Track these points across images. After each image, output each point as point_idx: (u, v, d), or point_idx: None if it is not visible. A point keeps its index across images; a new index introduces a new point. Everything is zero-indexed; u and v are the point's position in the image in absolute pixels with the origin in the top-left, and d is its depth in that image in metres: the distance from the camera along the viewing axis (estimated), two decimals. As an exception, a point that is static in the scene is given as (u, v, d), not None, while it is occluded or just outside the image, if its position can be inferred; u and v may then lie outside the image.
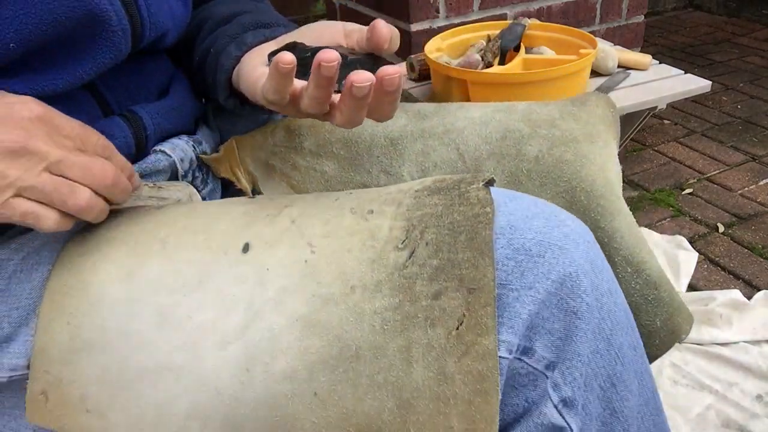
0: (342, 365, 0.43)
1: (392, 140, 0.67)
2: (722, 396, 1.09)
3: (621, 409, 0.50)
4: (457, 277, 0.43)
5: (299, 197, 0.53)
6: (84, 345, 0.46)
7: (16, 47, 0.47)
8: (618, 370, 0.49)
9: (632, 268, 0.63)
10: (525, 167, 0.64)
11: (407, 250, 0.45)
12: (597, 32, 1.77)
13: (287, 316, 0.44)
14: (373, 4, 1.64)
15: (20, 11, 0.46)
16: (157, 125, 0.60)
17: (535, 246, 0.46)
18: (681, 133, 2.02)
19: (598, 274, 0.48)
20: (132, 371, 0.45)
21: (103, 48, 0.51)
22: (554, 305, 0.46)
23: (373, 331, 0.43)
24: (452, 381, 0.41)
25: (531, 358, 0.46)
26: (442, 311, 0.42)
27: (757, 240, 1.49)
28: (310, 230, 0.47)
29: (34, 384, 0.47)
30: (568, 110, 0.69)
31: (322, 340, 0.43)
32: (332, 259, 0.45)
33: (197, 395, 0.44)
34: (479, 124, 0.67)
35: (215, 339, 0.44)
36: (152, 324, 0.45)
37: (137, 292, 0.47)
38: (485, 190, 0.47)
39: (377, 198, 0.50)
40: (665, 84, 1.31)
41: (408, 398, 0.42)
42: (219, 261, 0.47)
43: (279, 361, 0.43)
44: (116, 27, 0.51)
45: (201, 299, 0.46)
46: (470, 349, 0.42)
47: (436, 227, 0.45)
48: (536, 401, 0.47)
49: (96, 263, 0.49)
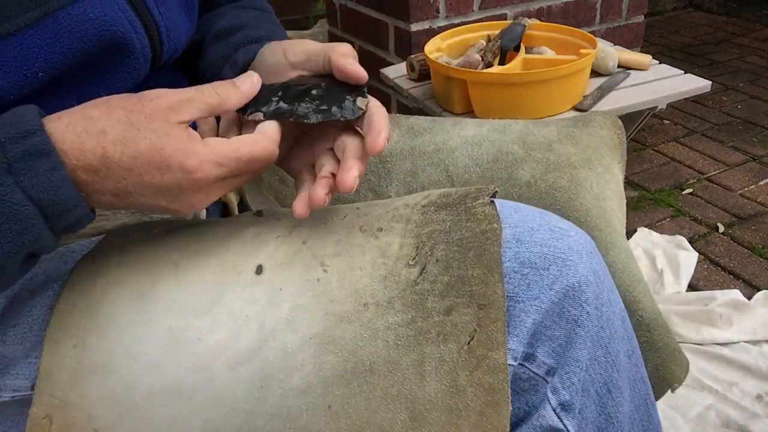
0: (356, 379, 0.43)
1: (381, 157, 0.66)
2: (722, 396, 1.09)
3: (616, 414, 0.51)
4: (468, 293, 0.44)
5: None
6: (92, 367, 0.46)
7: (45, 76, 0.47)
8: (614, 377, 0.50)
9: (624, 307, 0.59)
10: (516, 192, 0.62)
11: (418, 266, 0.46)
12: (597, 32, 1.77)
13: (301, 334, 0.45)
14: (373, 4, 1.64)
15: (48, 40, 0.46)
16: None
17: (540, 259, 0.47)
18: (681, 133, 2.02)
19: (600, 284, 0.49)
20: (141, 393, 0.45)
21: (123, 73, 0.52)
22: (556, 314, 0.47)
23: (386, 347, 0.44)
24: (464, 393, 0.43)
25: (532, 363, 0.47)
26: (453, 326, 0.44)
27: (757, 240, 1.50)
28: (321, 250, 0.48)
29: (38, 408, 0.46)
30: (567, 132, 0.67)
31: (337, 357, 0.44)
32: (345, 277, 0.46)
33: (211, 413, 0.44)
34: (471, 145, 0.65)
35: (227, 360, 0.45)
36: (161, 346, 0.45)
37: (148, 314, 0.47)
38: (491, 205, 0.48)
39: (385, 215, 0.50)
40: (665, 84, 1.31)
41: (421, 410, 0.43)
42: (232, 283, 0.47)
43: (293, 377, 0.44)
44: (139, 54, 0.52)
45: (213, 321, 0.46)
46: (481, 362, 0.43)
47: (445, 243, 0.47)
48: (536, 405, 0.48)
49: (106, 286, 0.49)
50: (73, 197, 0.41)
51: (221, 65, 0.61)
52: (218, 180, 0.44)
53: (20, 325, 0.49)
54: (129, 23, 0.50)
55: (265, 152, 0.46)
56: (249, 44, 0.61)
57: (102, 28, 0.48)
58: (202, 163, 0.43)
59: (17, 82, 0.46)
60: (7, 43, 0.44)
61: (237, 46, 0.61)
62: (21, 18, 0.44)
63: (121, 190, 0.42)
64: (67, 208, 0.41)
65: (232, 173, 0.44)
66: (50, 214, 0.40)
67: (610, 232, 0.61)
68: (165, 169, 0.42)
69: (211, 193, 0.45)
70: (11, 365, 0.48)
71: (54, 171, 0.40)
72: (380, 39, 1.66)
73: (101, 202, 0.43)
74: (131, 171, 0.41)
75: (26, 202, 0.39)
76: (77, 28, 0.46)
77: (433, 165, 0.65)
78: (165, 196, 0.43)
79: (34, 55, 0.46)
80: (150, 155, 0.42)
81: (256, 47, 0.59)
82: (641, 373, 0.55)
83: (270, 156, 0.46)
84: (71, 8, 0.46)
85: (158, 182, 0.42)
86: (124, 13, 0.49)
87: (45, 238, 0.41)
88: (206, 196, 0.45)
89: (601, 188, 0.62)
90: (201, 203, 0.45)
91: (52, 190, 0.39)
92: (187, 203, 0.44)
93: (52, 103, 0.49)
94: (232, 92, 0.47)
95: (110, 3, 0.48)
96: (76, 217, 0.42)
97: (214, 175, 0.43)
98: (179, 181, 0.42)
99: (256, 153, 0.45)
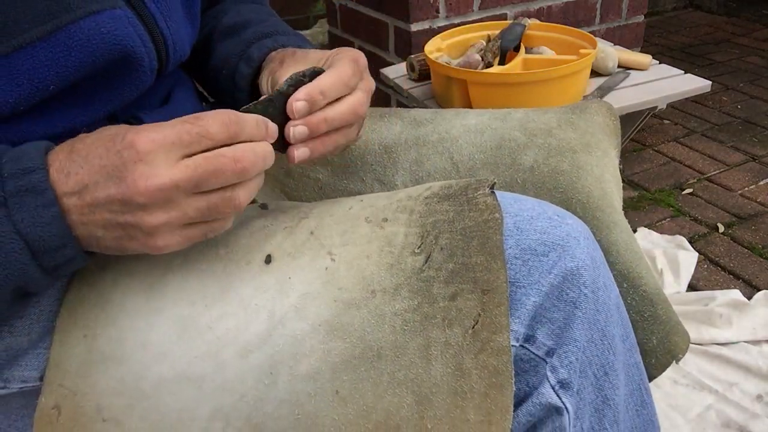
0: (364, 365, 0.45)
1: (386, 147, 0.67)
2: (722, 396, 1.09)
3: (612, 397, 0.52)
4: (472, 279, 0.46)
5: (311, 207, 0.55)
6: (102, 357, 0.46)
7: (55, 89, 0.47)
8: (610, 360, 0.52)
9: (628, 283, 0.62)
10: (520, 177, 0.64)
11: (423, 254, 0.48)
12: (597, 32, 1.77)
13: (310, 321, 0.46)
14: (373, 4, 1.64)
15: (60, 54, 0.46)
16: None
17: (540, 246, 0.49)
18: (681, 133, 2.02)
19: (597, 268, 0.51)
20: (151, 382, 0.45)
21: (130, 85, 0.52)
22: (556, 297, 0.49)
23: (393, 332, 0.45)
24: (469, 376, 0.44)
25: (533, 345, 0.49)
26: (458, 311, 0.45)
27: (757, 240, 1.49)
28: (328, 240, 0.50)
29: (47, 398, 0.47)
30: (566, 119, 0.68)
31: (345, 342, 0.45)
32: (352, 265, 0.48)
33: (220, 400, 0.45)
34: (474, 133, 0.67)
35: (237, 348, 0.45)
36: (171, 335, 0.46)
37: (158, 303, 0.47)
38: (492, 195, 0.50)
39: (389, 206, 0.52)
40: (665, 84, 1.31)
41: (426, 393, 0.44)
42: (242, 272, 0.48)
43: (302, 364, 0.45)
44: (146, 67, 0.52)
45: (223, 309, 0.47)
46: (486, 345, 0.45)
47: (449, 233, 0.48)
48: (536, 386, 0.50)
49: (116, 276, 0.49)
50: (62, 235, 0.41)
51: (236, 62, 0.63)
52: (162, 148, 0.40)
53: (27, 316, 0.49)
54: (139, 38, 0.50)
55: (218, 115, 0.42)
56: (261, 39, 0.63)
57: (113, 43, 0.48)
58: (140, 130, 0.41)
59: (28, 94, 0.46)
60: (19, 56, 0.45)
61: (249, 42, 0.63)
62: (33, 32, 0.45)
63: (80, 183, 0.41)
64: (55, 246, 0.41)
65: (181, 138, 0.40)
66: (38, 250, 0.40)
67: (612, 212, 0.63)
68: (110, 146, 0.41)
69: (156, 166, 0.40)
70: (19, 356, 0.49)
71: (45, 208, 0.40)
72: (380, 39, 1.66)
73: (69, 207, 0.41)
74: (87, 158, 0.41)
75: (13, 236, 0.39)
76: (88, 43, 0.47)
77: (437, 153, 0.66)
78: (111, 178, 0.40)
79: (45, 69, 0.46)
80: (105, 138, 0.41)
81: (268, 42, 0.62)
82: (635, 358, 0.57)
83: (227, 120, 0.42)
84: (83, 23, 0.46)
85: (105, 161, 0.40)
86: (134, 27, 0.50)
87: (32, 273, 0.41)
88: (151, 169, 0.40)
89: (600, 171, 0.64)
90: (148, 180, 0.40)
91: (40, 226, 0.40)
92: (131, 180, 0.40)
93: (56, 112, 0.50)
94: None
95: (121, 18, 0.48)
96: (66, 256, 0.42)
97: (151, 138, 0.40)
98: (118, 148, 0.40)
99: (205, 128, 0.41)
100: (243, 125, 0.43)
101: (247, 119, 0.44)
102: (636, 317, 0.63)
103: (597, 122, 0.69)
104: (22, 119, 0.48)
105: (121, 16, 0.48)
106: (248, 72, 0.62)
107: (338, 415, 0.44)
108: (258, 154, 0.43)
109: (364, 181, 0.67)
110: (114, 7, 0.48)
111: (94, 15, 0.47)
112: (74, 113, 0.51)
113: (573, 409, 0.50)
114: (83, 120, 0.51)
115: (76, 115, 0.51)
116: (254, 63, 0.62)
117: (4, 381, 0.49)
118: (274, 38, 0.63)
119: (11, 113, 0.46)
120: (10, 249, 0.40)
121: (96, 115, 0.52)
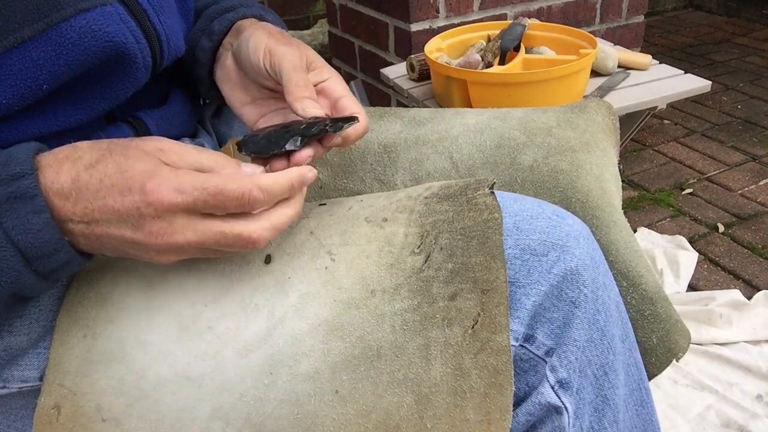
0: (364, 364, 0.44)
1: (386, 147, 0.67)
2: (722, 396, 1.09)
3: (612, 396, 0.52)
4: (472, 279, 0.46)
5: (311, 207, 0.55)
6: (101, 357, 0.46)
7: (48, 88, 0.47)
8: (610, 359, 0.52)
9: (628, 282, 0.62)
10: (519, 176, 0.63)
11: (423, 254, 0.47)
12: (597, 32, 1.77)
13: (310, 321, 0.46)
14: (373, 4, 1.64)
15: (52, 53, 0.46)
16: (163, 131, 0.60)
17: (539, 246, 0.49)
18: (681, 133, 2.02)
19: (596, 268, 0.51)
20: (150, 381, 0.45)
21: (125, 82, 0.52)
22: (555, 296, 0.48)
23: (393, 332, 0.45)
24: (469, 376, 0.44)
25: (532, 345, 0.49)
26: (458, 311, 0.45)
27: (757, 240, 1.49)
28: (328, 240, 0.49)
29: (47, 398, 0.46)
30: (565, 118, 0.68)
31: (345, 342, 0.45)
32: (352, 265, 0.47)
33: (220, 399, 0.45)
34: (474, 132, 0.66)
35: (236, 347, 0.45)
36: (172, 334, 0.46)
37: (157, 303, 0.47)
38: (491, 195, 0.50)
39: (389, 206, 0.52)
40: (665, 84, 1.31)
41: (426, 393, 0.44)
42: (241, 272, 0.48)
43: (302, 363, 0.45)
44: (140, 64, 0.52)
45: (222, 309, 0.47)
46: (485, 345, 0.44)
47: (449, 232, 0.48)
48: (536, 385, 0.50)
49: (116, 276, 0.49)
50: (54, 241, 0.40)
51: (198, 36, 0.63)
52: (182, 210, 0.40)
53: (27, 315, 0.49)
54: (131, 34, 0.50)
55: (238, 190, 0.41)
56: (223, 14, 0.63)
57: (105, 40, 0.48)
58: (161, 186, 0.39)
59: (22, 94, 0.46)
60: (11, 56, 0.45)
61: (211, 17, 0.63)
62: (24, 31, 0.45)
63: (89, 216, 0.40)
64: (48, 252, 0.40)
65: (197, 205, 0.40)
66: (31, 257, 0.40)
67: (611, 211, 0.62)
68: (126, 192, 0.40)
69: (174, 226, 0.40)
70: (19, 356, 0.49)
71: (36, 214, 0.39)
72: (380, 39, 1.66)
73: (74, 232, 0.41)
74: (97, 194, 0.40)
75: (5, 243, 0.39)
76: (80, 41, 0.47)
77: (437, 153, 0.66)
78: (127, 223, 0.40)
79: (37, 68, 0.46)
80: (115, 177, 0.40)
81: (229, 15, 0.62)
82: (635, 357, 0.57)
83: (245, 196, 0.41)
84: (73, 20, 0.46)
85: (119, 207, 0.40)
86: (126, 24, 0.49)
87: (26, 279, 0.41)
88: (169, 227, 0.40)
89: (600, 170, 0.64)
90: (164, 237, 0.40)
91: (31, 233, 0.39)
92: (147, 231, 0.40)
93: (51, 111, 0.49)
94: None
95: (113, 15, 0.48)
96: (60, 261, 0.41)
97: (174, 202, 0.39)
98: (137, 204, 0.40)
99: (226, 188, 0.40)
100: (253, 204, 0.42)
101: (268, 190, 0.43)
102: (636, 316, 0.63)
103: (596, 121, 0.69)
104: (16, 119, 0.48)
105: (111, 12, 0.48)
106: (209, 45, 0.62)
107: (338, 415, 0.44)
108: (276, 229, 0.44)
109: (364, 181, 0.67)
110: (105, 4, 0.47)
111: (84, 12, 0.46)
112: (69, 112, 0.51)
113: (572, 408, 0.50)
114: (79, 118, 0.51)
115: (72, 114, 0.51)
116: (216, 36, 0.61)
117: (4, 381, 0.49)
118: (236, 11, 0.63)
119: (5, 113, 0.46)
120: (2, 256, 0.39)
121: (92, 114, 0.52)
